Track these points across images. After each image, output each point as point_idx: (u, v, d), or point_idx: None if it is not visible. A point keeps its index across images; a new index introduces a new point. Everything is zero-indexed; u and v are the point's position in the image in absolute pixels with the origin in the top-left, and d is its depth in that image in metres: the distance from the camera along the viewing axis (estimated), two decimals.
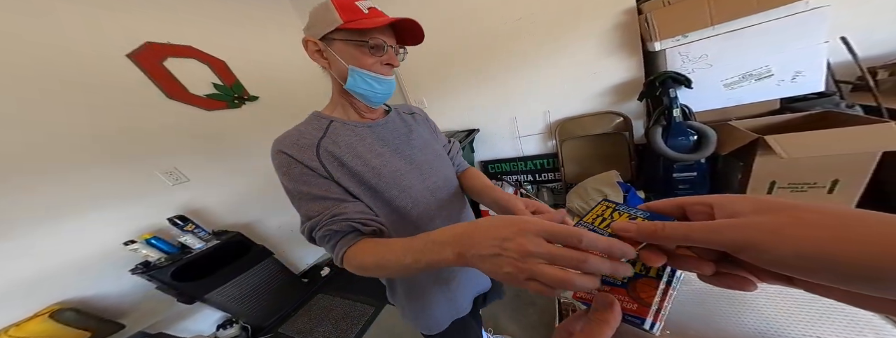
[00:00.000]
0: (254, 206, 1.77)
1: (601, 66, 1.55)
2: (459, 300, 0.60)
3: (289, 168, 0.44)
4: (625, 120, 1.60)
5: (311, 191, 0.43)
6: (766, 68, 1.22)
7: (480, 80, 1.86)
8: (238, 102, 1.72)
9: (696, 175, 1.31)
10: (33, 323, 1.04)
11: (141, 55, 1.35)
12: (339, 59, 0.44)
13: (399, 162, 0.50)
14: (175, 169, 1.45)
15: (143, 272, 1.23)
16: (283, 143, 0.45)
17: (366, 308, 1.56)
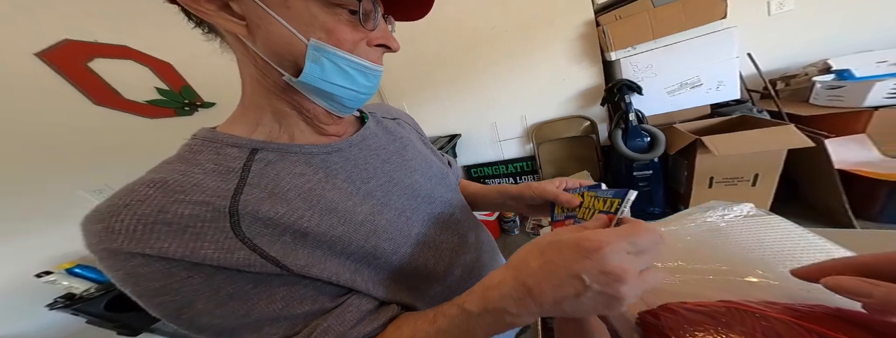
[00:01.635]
0: None
1: (568, 73, 1.68)
2: None
3: (165, 281, 0.20)
4: (591, 123, 1.75)
5: (250, 311, 0.22)
6: (697, 78, 1.43)
7: (461, 85, 1.90)
8: (189, 108, 1.54)
9: (652, 173, 1.47)
10: None
11: (55, 54, 1.14)
12: (281, 22, 0.22)
13: (400, 199, 0.32)
14: (107, 186, 1.23)
15: (65, 306, 1.02)
16: (114, 228, 0.19)
17: None
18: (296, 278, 0.23)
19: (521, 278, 0.20)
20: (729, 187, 1.33)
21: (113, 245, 0.19)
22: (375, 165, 0.32)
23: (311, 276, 0.23)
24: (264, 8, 0.21)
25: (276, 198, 0.24)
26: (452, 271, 0.34)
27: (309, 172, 0.27)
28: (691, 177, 1.35)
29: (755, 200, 1.38)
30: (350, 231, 0.26)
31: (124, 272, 0.19)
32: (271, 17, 0.22)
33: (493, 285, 0.21)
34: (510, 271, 0.21)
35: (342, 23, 0.24)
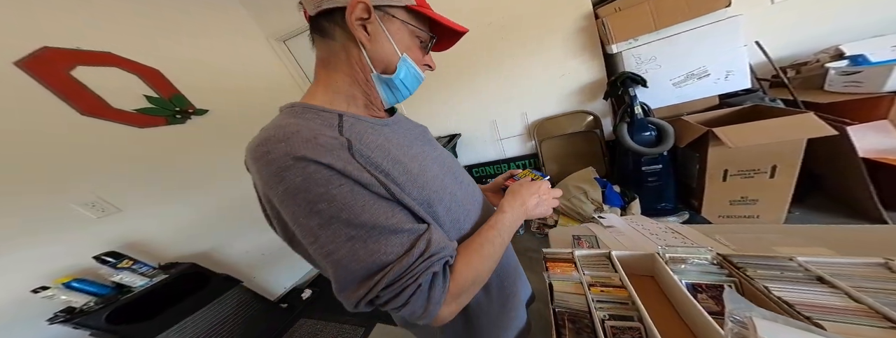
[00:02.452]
0: (210, 232, 1.55)
1: (568, 67, 1.63)
2: (520, 310, 0.54)
3: (326, 187, 0.26)
4: (595, 118, 1.70)
5: (379, 221, 0.28)
6: (704, 69, 1.38)
7: (459, 84, 1.87)
8: (181, 116, 1.50)
9: (662, 167, 1.42)
10: None
11: (34, 62, 1.09)
12: (389, 41, 0.34)
13: (434, 165, 0.39)
14: (99, 199, 1.20)
15: (66, 320, 0.99)
16: (293, 145, 0.26)
17: (355, 329, 1.43)
18: (396, 203, 0.31)
19: (519, 199, 0.45)
20: (745, 180, 1.27)
21: (299, 153, 0.26)
22: (411, 139, 0.42)
23: (403, 203, 0.31)
24: (385, 32, 0.34)
25: (364, 145, 0.32)
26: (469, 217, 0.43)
27: (377, 134, 0.35)
28: (704, 171, 1.31)
29: (773, 193, 1.33)
30: (409, 181, 0.33)
31: (302, 178, 0.26)
32: (386, 37, 0.34)
33: (508, 205, 0.44)
34: (511, 198, 0.45)
35: (417, 47, 0.38)
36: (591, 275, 0.57)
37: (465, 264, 0.33)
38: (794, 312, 0.37)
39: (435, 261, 0.30)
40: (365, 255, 0.27)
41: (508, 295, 0.50)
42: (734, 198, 1.33)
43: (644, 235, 0.73)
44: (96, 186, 1.20)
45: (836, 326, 0.34)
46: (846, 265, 0.42)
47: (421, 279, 0.28)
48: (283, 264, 1.85)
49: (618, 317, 0.46)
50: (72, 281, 1.05)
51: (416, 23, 0.36)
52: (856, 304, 0.35)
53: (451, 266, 0.33)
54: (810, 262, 0.43)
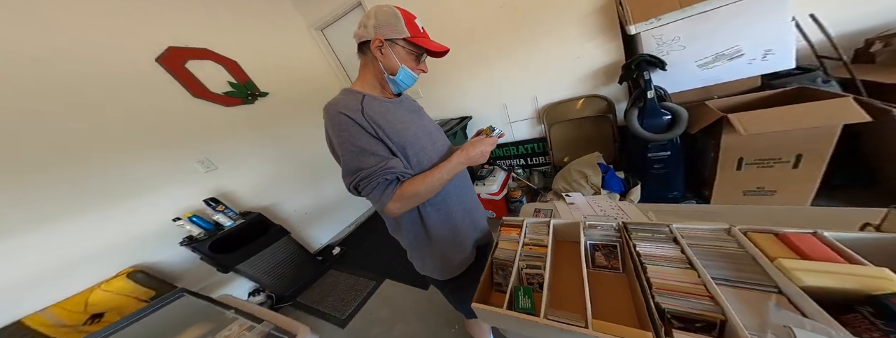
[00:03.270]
0: (272, 191, 2.02)
1: (584, 50, 1.58)
2: (467, 245, 0.74)
3: (347, 126, 0.54)
4: (608, 103, 1.66)
5: (366, 147, 0.54)
6: (736, 48, 1.24)
7: (470, 67, 1.93)
8: (251, 98, 1.92)
9: (670, 154, 1.38)
10: (116, 281, 1.34)
11: (166, 59, 1.55)
12: (393, 58, 0.58)
13: (416, 129, 0.63)
14: (206, 158, 1.70)
15: (188, 244, 1.51)
16: (339, 107, 0.55)
17: (368, 282, 1.79)
18: (379, 141, 0.56)
19: (466, 152, 0.64)
20: (762, 169, 1.19)
21: (340, 110, 0.55)
22: (404, 112, 0.66)
23: (384, 142, 0.57)
24: (392, 53, 0.58)
25: (373, 111, 0.58)
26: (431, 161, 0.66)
27: (381, 106, 0.60)
28: (717, 158, 1.25)
29: (796, 185, 1.28)
30: (394, 133, 0.58)
31: (338, 122, 0.54)
32: (392, 55, 0.58)
33: (458, 156, 0.63)
34: (462, 152, 0.64)
35: (412, 60, 0.60)
36: (531, 237, 0.71)
37: (410, 184, 0.58)
38: (639, 260, 0.50)
39: (389, 174, 0.55)
40: (355, 161, 0.54)
41: (458, 226, 0.71)
42: (749, 188, 1.26)
43: (595, 210, 0.83)
44: (203, 149, 1.69)
45: (653, 267, 0.47)
46: (703, 230, 0.51)
47: (377, 180, 0.55)
48: (319, 224, 2.31)
49: (532, 266, 0.61)
50: (192, 216, 1.54)
51: (411, 47, 0.58)
52: (678, 253, 0.47)
53: (401, 181, 0.58)
54: (680, 228, 0.53)
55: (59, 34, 1.26)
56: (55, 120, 1.25)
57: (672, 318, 0.39)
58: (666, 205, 0.81)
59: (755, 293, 0.39)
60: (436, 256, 0.70)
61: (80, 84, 1.31)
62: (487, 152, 0.65)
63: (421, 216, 0.66)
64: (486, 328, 1.00)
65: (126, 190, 1.43)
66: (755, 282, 0.40)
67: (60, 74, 1.26)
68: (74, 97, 1.29)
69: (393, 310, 1.54)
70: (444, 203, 0.68)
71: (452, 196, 0.70)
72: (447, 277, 0.74)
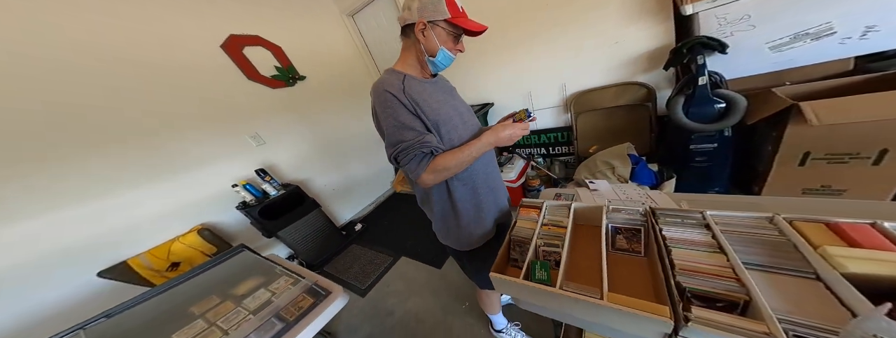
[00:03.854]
0: (308, 166, 2.21)
1: (624, 34, 1.46)
2: (488, 221, 0.78)
3: (390, 103, 0.59)
4: (648, 91, 1.52)
5: (406, 123, 0.60)
6: (827, 25, 1.05)
7: (495, 53, 1.88)
8: (293, 81, 2.07)
9: (717, 147, 1.25)
10: (190, 236, 1.60)
11: (228, 46, 1.74)
12: (434, 39, 0.61)
13: (449, 109, 0.67)
14: (256, 134, 1.91)
15: (243, 209, 1.73)
16: (385, 85, 0.61)
17: (386, 257, 1.92)
18: (417, 117, 0.62)
19: (496, 133, 0.68)
20: (833, 166, 1.04)
21: (385, 88, 0.61)
22: (440, 92, 0.70)
23: (421, 118, 0.62)
24: (433, 35, 0.62)
25: (413, 91, 0.62)
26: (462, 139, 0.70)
27: (420, 86, 0.65)
28: (775, 152, 1.12)
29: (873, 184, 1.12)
30: (430, 112, 0.63)
31: (383, 99, 0.61)
32: (433, 37, 0.62)
33: (487, 136, 0.67)
34: (492, 133, 0.68)
35: (451, 41, 0.64)
36: (550, 218, 0.72)
37: (442, 158, 0.63)
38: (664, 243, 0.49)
39: (424, 147, 0.60)
40: (397, 134, 0.60)
41: (482, 202, 0.75)
42: (811, 186, 1.12)
43: (619, 196, 0.81)
44: (255, 125, 1.89)
45: (678, 250, 0.46)
46: (740, 218, 0.49)
47: (414, 153, 0.60)
48: (344, 200, 2.49)
49: (550, 244, 0.63)
50: (246, 184, 1.77)
51: (451, 28, 0.61)
52: (708, 238, 0.46)
53: (434, 155, 0.63)
54: (715, 215, 0.51)
55: (145, 25, 1.47)
56: (151, 100, 1.49)
57: (692, 297, 0.39)
58: (704, 195, 0.76)
59: (790, 279, 0.38)
60: (460, 227, 0.75)
61: (163, 69, 1.52)
62: (517, 137, 0.68)
63: (448, 190, 0.71)
64: (496, 302, 1.05)
65: (199, 159, 1.68)
66: (791, 268, 0.38)
67: (144, 58, 1.47)
68: (162, 79, 1.52)
69: (408, 284, 1.65)
70: (470, 179, 0.72)
71: (479, 173, 0.73)
72: (467, 248, 0.78)
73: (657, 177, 1.38)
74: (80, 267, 1.33)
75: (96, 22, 1.33)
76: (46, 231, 1.25)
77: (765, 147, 1.18)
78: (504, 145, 0.69)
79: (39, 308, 1.24)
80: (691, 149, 1.30)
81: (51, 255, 1.26)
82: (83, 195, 1.33)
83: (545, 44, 1.70)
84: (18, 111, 1.16)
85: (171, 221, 1.58)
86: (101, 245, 1.38)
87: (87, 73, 1.31)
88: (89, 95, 1.32)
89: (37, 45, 1.19)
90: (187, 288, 0.96)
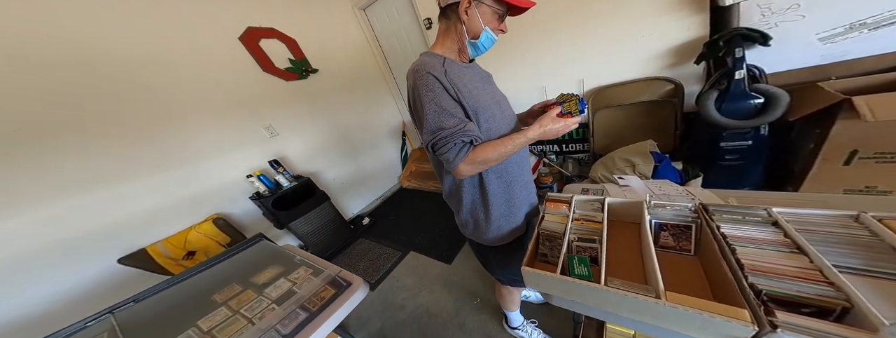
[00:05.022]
0: (318, 158, 2.21)
1: (652, 26, 1.38)
2: (519, 216, 0.74)
3: (434, 87, 0.55)
4: (675, 86, 1.45)
5: (448, 108, 0.55)
6: (891, 13, 0.97)
7: (509, 46, 1.82)
8: (306, 73, 2.05)
9: (751, 144, 1.18)
10: (205, 224, 1.60)
11: (246, 38, 1.73)
12: (478, 19, 0.58)
13: (487, 96, 0.63)
14: (270, 125, 1.90)
15: (256, 199, 1.73)
16: (426, 67, 0.57)
17: (395, 252, 1.89)
18: (458, 103, 0.58)
19: (542, 126, 0.62)
20: (882, 165, 0.96)
21: (427, 70, 0.57)
22: (477, 78, 0.67)
23: (462, 105, 0.58)
24: (477, 14, 0.58)
25: (453, 75, 0.59)
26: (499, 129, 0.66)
27: (460, 71, 0.62)
28: (818, 150, 1.04)
29: None
30: (469, 98, 0.59)
31: (427, 83, 0.56)
32: (477, 17, 0.58)
33: (533, 130, 0.62)
34: (538, 125, 0.62)
35: (495, 20, 0.60)
36: (581, 213, 0.68)
37: (482, 149, 0.58)
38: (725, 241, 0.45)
39: (466, 136, 0.56)
40: (437, 120, 0.56)
41: (514, 197, 0.71)
42: (854, 187, 1.04)
43: (656, 193, 0.76)
44: (268, 117, 1.89)
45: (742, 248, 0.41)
46: (818, 216, 0.44)
47: (454, 141, 0.56)
48: (353, 194, 2.47)
49: (584, 240, 0.59)
50: (261, 175, 1.76)
51: (497, 6, 0.58)
52: (781, 237, 0.41)
53: (474, 145, 0.58)
54: (784, 212, 0.46)
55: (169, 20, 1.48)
56: (169, 91, 1.50)
57: (769, 300, 0.35)
58: (750, 191, 0.71)
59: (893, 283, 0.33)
60: (489, 222, 0.71)
61: (185, 62, 1.53)
62: (564, 132, 0.63)
63: (482, 183, 0.67)
64: (517, 298, 1.02)
65: (215, 149, 1.68)
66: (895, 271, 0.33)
67: (168, 53, 1.47)
68: (183, 71, 1.52)
69: (418, 279, 1.62)
70: (506, 172, 0.68)
71: (514, 167, 0.69)
72: (496, 244, 0.75)
73: (681, 175, 1.31)
74: (102, 253, 1.35)
75: (129, 24, 1.36)
76: (73, 215, 1.27)
77: (805, 145, 1.10)
78: (548, 139, 0.64)
79: (63, 291, 1.26)
80: (722, 146, 1.23)
81: (75, 240, 1.28)
82: (114, 178, 1.36)
83: (565, 36, 1.63)
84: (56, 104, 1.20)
85: (187, 209, 1.59)
86: (122, 232, 1.40)
87: (119, 70, 1.34)
88: (117, 88, 1.34)
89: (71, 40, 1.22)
90: (209, 276, 0.95)
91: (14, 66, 1.11)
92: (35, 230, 1.18)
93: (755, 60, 1.16)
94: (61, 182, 1.23)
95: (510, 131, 0.66)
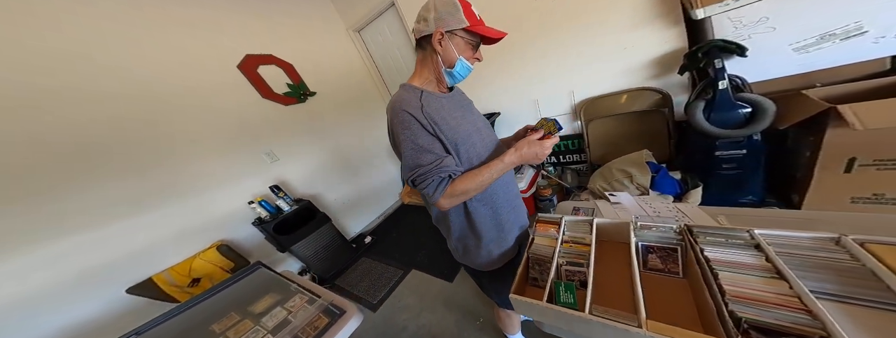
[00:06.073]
0: (318, 180, 2.23)
1: (633, 39, 1.43)
2: (509, 240, 0.74)
3: (409, 124, 0.56)
4: (663, 96, 1.47)
5: (424, 145, 0.56)
6: (857, 24, 1.00)
7: (501, 61, 1.87)
8: (304, 97, 2.12)
9: (746, 153, 1.18)
10: (209, 252, 1.62)
11: (245, 65, 1.81)
12: (452, 49, 0.58)
13: (467, 125, 0.64)
14: (271, 151, 1.95)
15: (258, 225, 1.75)
16: (402, 104, 0.57)
17: (397, 271, 1.88)
18: (436, 138, 0.59)
19: (519, 152, 0.61)
20: (885, 172, 0.95)
21: (403, 108, 0.58)
22: (457, 107, 0.67)
23: (440, 139, 0.59)
24: (451, 45, 0.59)
25: (431, 109, 0.60)
26: (480, 158, 0.67)
27: (438, 103, 0.62)
28: (815, 158, 1.04)
29: None
30: (448, 130, 0.60)
31: (402, 120, 0.57)
32: (451, 47, 0.59)
33: (510, 156, 0.61)
34: (515, 151, 0.61)
35: (469, 49, 0.61)
36: (570, 235, 0.68)
37: (461, 181, 0.59)
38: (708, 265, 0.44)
39: (442, 172, 0.57)
40: (414, 158, 0.57)
41: (503, 222, 0.72)
42: (861, 195, 1.02)
43: (646, 211, 0.76)
44: (269, 142, 1.94)
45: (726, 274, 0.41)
46: (798, 238, 0.44)
47: (431, 178, 0.57)
48: (354, 213, 2.47)
49: (573, 263, 0.59)
50: (262, 201, 1.79)
51: (469, 36, 0.59)
52: (762, 261, 0.41)
53: (452, 179, 0.60)
54: (765, 234, 0.46)
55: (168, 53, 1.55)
56: (176, 122, 1.57)
57: (750, 328, 0.34)
58: (742, 209, 0.70)
59: (872, 311, 0.32)
60: (480, 248, 0.71)
61: (185, 93, 1.60)
62: (544, 155, 0.61)
63: (467, 211, 0.68)
64: (516, 322, 0.99)
65: (217, 178, 1.72)
66: (873, 299, 0.33)
67: (166, 87, 1.55)
68: (184, 101, 1.59)
69: (420, 298, 1.60)
70: (490, 199, 0.69)
71: (500, 193, 0.70)
72: (488, 269, 0.75)
73: (681, 186, 1.30)
74: (110, 284, 1.38)
75: (129, 55, 1.42)
76: (81, 249, 1.30)
77: (802, 153, 1.10)
78: (529, 163, 0.64)
79: (74, 323, 1.28)
80: (717, 155, 1.22)
81: (85, 272, 1.31)
82: (114, 215, 1.39)
83: (553, 49, 1.68)
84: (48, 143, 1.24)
85: (192, 238, 1.61)
86: (129, 263, 1.42)
87: (121, 105, 1.41)
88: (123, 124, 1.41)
89: (67, 74, 1.27)
90: (208, 305, 0.96)
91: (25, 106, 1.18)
92: (51, 265, 1.23)
93: (736, 71, 1.19)
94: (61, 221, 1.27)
95: (491, 156, 0.66)
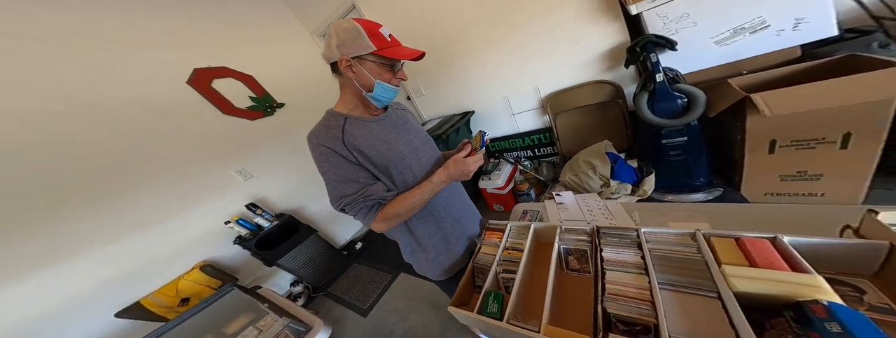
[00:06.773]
0: (299, 194, 2.22)
1: (583, 34, 1.49)
2: (457, 251, 0.77)
3: (328, 157, 0.56)
4: (616, 88, 1.55)
5: (348, 175, 0.57)
6: (760, 20, 1.09)
7: (467, 62, 1.91)
8: (270, 110, 2.06)
9: (687, 140, 1.28)
10: (194, 272, 1.64)
11: (195, 81, 1.70)
12: (366, 74, 0.56)
13: (401, 146, 0.63)
14: (243, 169, 1.93)
15: (240, 243, 1.77)
16: (318, 137, 0.57)
17: (386, 275, 1.95)
18: (361, 167, 0.59)
19: (447, 171, 0.63)
20: (803, 152, 1.06)
21: (319, 141, 0.58)
22: (390, 129, 0.66)
23: (365, 168, 0.59)
24: (363, 70, 0.57)
25: (354, 137, 0.59)
26: (416, 179, 0.68)
27: (365, 128, 0.62)
28: (744, 141, 1.14)
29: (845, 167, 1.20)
30: (376, 155, 0.60)
31: (319, 153, 0.58)
32: (364, 72, 0.57)
33: (440, 175, 0.63)
34: (444, 170, 0.64)
35: (387, 71, 0.58)
36: (512, 242, 0.71)
37: (391, 206, 0.61)
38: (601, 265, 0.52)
39: (369, 200, 0.59)
40: (338, 189, 0.58)
41: (449, 235, 0.75)
42: (787, 173, 1.14)
43: (582, 211, 0.84)
44: (240, 159, 1.91)
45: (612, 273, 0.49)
46: (668, 235, 0.51)
47: (359, 207, 0.59)
48: (342, 221, 2.47)
49: (508, 270, 0.62)
50: (239, 220, 1.80)
51: (381, 60, 0.56)
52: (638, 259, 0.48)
53: (382, 204, 0.61)
54: (649, 232, 0.53)
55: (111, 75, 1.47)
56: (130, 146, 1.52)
57: (617, 322, 0.41)
58: (668, 205, 0.78)
59: (696, 298, 0.40)
60: (430, 260, 0.75)
61: (140, 115, 1.55)
62: (471, 171, 0.62)
63: (409, 229, 0.70)
64: None
65: (190, 201, 1.71)
66: (699, 287, 0.41)
67: (120, 109, 1.49)
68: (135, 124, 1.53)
69: (408, 301, 1.67)
70: (431, 215, 0.71)
71: (441, 208, 0.72)
72: (443, 278, 0.79)
73: (637, 173, 1.40)
74: (98, 310, 1.40)
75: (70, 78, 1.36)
76: (65, 278, 1.32)
77: (734, 137, 1.20)
78: (460, 180, 0.65)
79: None
80: (664, 143, 1.32)
81: (71, 299, 1.33)
82: (91, 243, 1.40)
83: (512, 48, 1.72)
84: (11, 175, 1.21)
85: (173, 260, 1.63)
86: (114, 288, 1.44)
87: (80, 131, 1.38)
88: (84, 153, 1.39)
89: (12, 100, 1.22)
90: (185, 329, 1.00)
91: None
92: (37, 293, 1.25)
93: (671, 63, 1.27)
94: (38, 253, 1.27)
95: (429, 172, 0.67)
